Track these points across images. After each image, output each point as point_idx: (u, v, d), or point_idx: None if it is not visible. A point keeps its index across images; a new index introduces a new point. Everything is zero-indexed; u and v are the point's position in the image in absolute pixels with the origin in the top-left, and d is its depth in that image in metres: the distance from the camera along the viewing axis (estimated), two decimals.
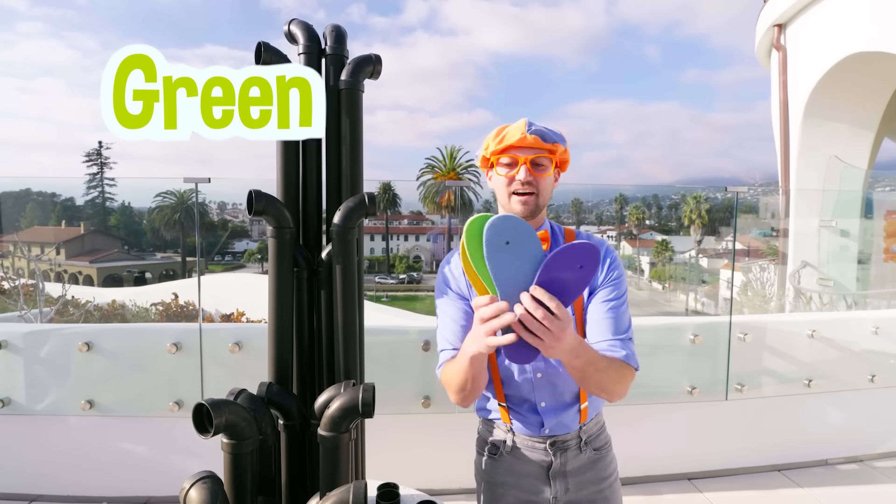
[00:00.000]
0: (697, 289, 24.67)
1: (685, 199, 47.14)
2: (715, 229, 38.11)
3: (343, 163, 1.41)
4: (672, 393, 2.99)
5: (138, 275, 40.96)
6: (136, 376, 2.72)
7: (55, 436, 2.76)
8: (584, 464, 1.29)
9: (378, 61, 1.42)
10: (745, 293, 6.85)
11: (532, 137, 1.17)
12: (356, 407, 1.03)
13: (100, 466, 2.77)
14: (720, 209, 38.60)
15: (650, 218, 73.60)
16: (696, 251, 36.84)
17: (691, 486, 3.00)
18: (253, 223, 73.56)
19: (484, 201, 43.91)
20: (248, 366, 2.70)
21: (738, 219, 3.44)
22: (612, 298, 1.20)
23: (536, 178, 1.19)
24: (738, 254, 8.98)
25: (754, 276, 7.67)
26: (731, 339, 3.04)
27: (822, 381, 3.16)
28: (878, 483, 3.06)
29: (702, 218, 41.65)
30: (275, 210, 1.25)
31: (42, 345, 2.71)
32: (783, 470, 3.17)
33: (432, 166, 47.95)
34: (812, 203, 6.26)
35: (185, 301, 5.11)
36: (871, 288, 6.22)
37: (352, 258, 1.30)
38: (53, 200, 43.20)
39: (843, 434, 3.28)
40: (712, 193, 41.63)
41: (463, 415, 2.75)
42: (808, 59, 6.15)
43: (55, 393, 2.71)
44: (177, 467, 2.77)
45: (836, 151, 6.13)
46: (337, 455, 1.05)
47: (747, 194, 8.09)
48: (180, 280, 12.27)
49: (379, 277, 47.31)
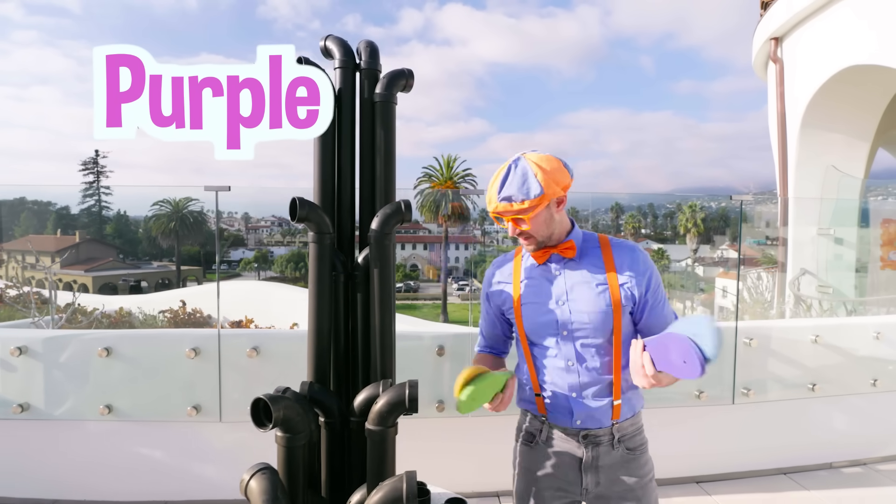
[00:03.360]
0: (694, 297, 24.77)
1: (681, 208, 47.36)
2: (710, 238, 38.35)
3: (377, 171, 1.47)
4: (680, 397, 3.04)
5: (134, 283, 40.78)
6: (154, 381, 2.76)
7: (73, 441, 2.79)
8: (616, 461, 1.35)
9: (410, 75, 1.49)
10: (743, 300, 6.94)
11: (502, 206, 1.30)
12: (403, 402, 1.09)
13: (117, 471, 2.80)
14: (715, 218, 38.85)
15: (646, 227, 73.85)
16: (692, 259, 36.98)
17: (699, 488, 3.05)
18: (249, 232, 73.39)
19: (481, 209, 44.01)
20: (266, 370, 2.75)
21: (732, 228, 3.51)
22: (659, 302, 1.37)
23: (524, 230, 1.33)
24: (734, 262, 9.07)
25: (751, 283, 7.77)
26: (737, 345, 3.10)
27: (826, 385, 3.22)
28: (882, 486, 3.12)
29: (697, 227, 41.84)
30: (316, 216, 1.31)
31: (61, 350, 2.75)
32: (789, 473, 3.22)
33: (429, 175, 48.09)
34: (810, 212, 6.37)
35: (192, 308, 5.15)
36: (869, 295, 6.31)
37: (389, 262, 1.36)
38: (49, 209, 43.04)
39: (846, 437, 3.34)
40: (707, 202, 41.85)
41: (477, 419, 2.80)
42: (805, 71, 6.29)
43: (74, 398, 2.75)
44: (194, 472, 2.81)
45: (833, 161, 6.26)
46: (384, 448, 1.10)
47: (745, 204, 8.19)
48: (192, 287, 12.19)
49: None
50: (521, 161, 1.29)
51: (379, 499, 0.99)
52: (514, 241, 1.39)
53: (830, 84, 5.85)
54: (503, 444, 1.72)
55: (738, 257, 4.11)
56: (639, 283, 1.33)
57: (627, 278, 1.32)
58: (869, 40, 5.32)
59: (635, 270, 1.33)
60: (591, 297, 1.32)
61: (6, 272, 12.26)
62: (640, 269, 1.33)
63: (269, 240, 68.51)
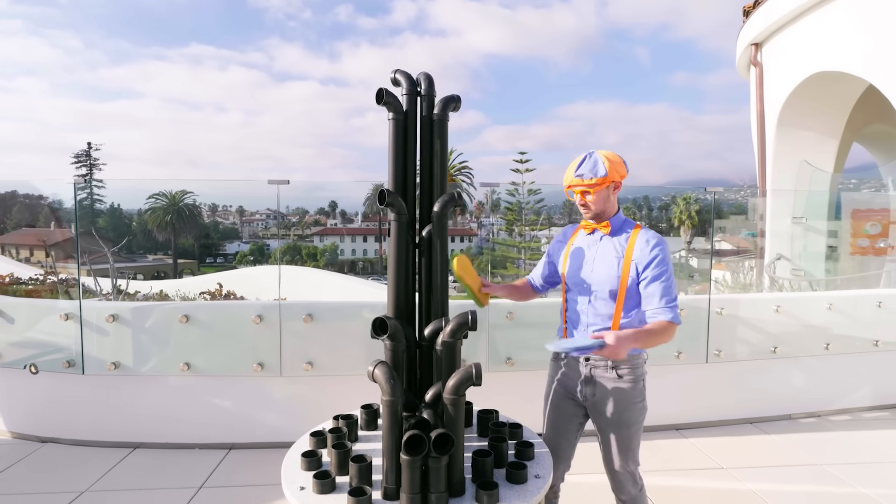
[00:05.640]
0: (688, 288, 25.51)
1: (675, 201, 47.86)
2: (705, 230, 39.01)
3: (435, 170, 2.01)
4: (662, 357, 3.61)
5: (132, 277, 40.92)
6: (225, 343, 3.29)
7: (156, 393, 3.33)
8: (608, 380, 1.90)
9: (458, 100, 2.03)
10: (726, 284, 7.54)
11: (576, 181, 1.87)
12: (467, 323, 1.64)
13: (193, 419, 3.34)
14: (709, 210, 39.53)
15: (641, 219, 74.14)
16: (686, 251, 37.56)
17: (678, 434, 3.64)
18: (244, 225, 73.37)
19: (477, 202, 44.34)
20: (319, 333, 3.29)
21: (729, 220, 4.04)
22: (655, 275, 1.81)
23: (587, 201, 1.89)
24: (728, 253, 9.66)
25: (743, 274, 8.36)
26: (710, 314, 3.68)
27: (786, 348, 3.81)
28: (832, 431, 3.71)
29: (692, 219, 42.53)
30: (397, 202, 1.85)
31: (147, 318, 3.28)
32: (754, 422, 3.81)
33: None
34: (786, 203, 6.97)
35: (227, 290, 5.66)
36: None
37: (445, 236, 1.91)
38: (41, 203, 43.05)
39: (803, 393, 3.94)
40: (702, 195, 42.40)
41: (495, 374, 3.35)
42: (781, 74, 6.89)
43: (157, 357, 3.28)
44: (258, 419, 3.36)
45: (806, 156, 6.87)
46: (454, 354, 1.65)
47: (737, 196, 8.77)
48: (225, 271, 12.60)
49: (372, 278, 47.56)
50: (595, 153, 1.88)
51: (456, 381, 1.52)
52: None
53: (803, 87, 6.44)
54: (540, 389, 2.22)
55: (710, 245, 4.65)
56: (642, 262, 1.84)
57: (638, 257, 1.85)
58: (836, 50, 5.92)
59: (643, 252, 1.84)
60: (607, 265, 1.88)
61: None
62: (647, 252, 1.84)
63: (263, 233, 68.71)
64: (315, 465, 1.69)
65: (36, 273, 7.18)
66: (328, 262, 49.71)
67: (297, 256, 48.77)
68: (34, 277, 6.39)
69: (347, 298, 5.28)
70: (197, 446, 3.34)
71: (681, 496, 2.84)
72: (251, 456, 3.24)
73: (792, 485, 2.98)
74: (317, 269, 25.50)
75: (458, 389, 1.51)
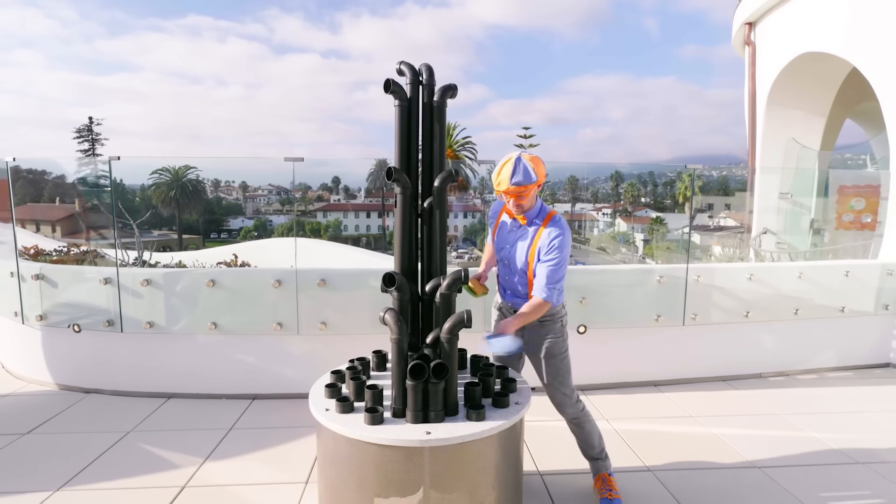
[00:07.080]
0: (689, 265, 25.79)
1: (680, 177, 47.77)
2: (710, 206, 39.22)
3: (434, 150, 2.33)
4: (643, 320, 3.96)
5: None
6: (248, 305, 3.66)
7: (186, 349, 3.72)
8: (532, 327, 2.33)
9: (455, 88, 2.34)
10: (716, 259, 7.85)
11: (514, 188, 2.17)
12: (461, 278, 1.99)
13: (219, 372, 3.74)
14: (715, 187, 39.60)
15: (645, 195, 73.89)
16: (689, 228, 37.73)
17: (657, 390, 4.01)
18: (247, 200, 73.55)
19: (480, 178, 44.37)
20: (332, 298, 3.66)
21: (735, 197, 4.35)
22: (546, 261, 2.21)
23: (521, 203, 2.23)
24: (731, 229, 9.95)
25: (732, 248, 8.66)
26: (688, 281, 4.02)
27: (758, 313, 4.16)
28: (799, 388, 4.08)
29: (696, 195, 42.56)
30: (402, 178, 2.18)
31: (178, 282, 3.65)
32: (727, 380, 4.18)
33: None
34: (774, 179, 7.25)
35: (241, 261, 6.01)
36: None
37: (444, 207, 2.24)
38: (45, 178, 43.27)
39: (773, 355, 4.30)
40: (707, 171, 42.40)
41: None
42: (772, 54, 7.10)
43: (187, 317, 3.66)
44: (277, 373, 3.75)
45: (794, 134, 7.12)
46: (450, 304, 2.01)
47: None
48: (249, 242, 12.99)
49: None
50: (521, 159, 2.19)
51: (450, 323, 1.88)
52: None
53: (791, 67, 6.66)
54: None
55: (690, 218, 4.95)
56: (543, 249, 2.24)
57: (541, 244, 2.25)
58: (823, 31, 6.12)
59: (544, 241, 2.24)
60: (520, 248, 2.30)
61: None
62: (546, 242, 2.23)
63: (266, 208, 68.92)
64: (336, 393, 2.06)
65: (60, 245, 7.55)
66: (332, 237, 50.07)
67: (300, 232, 49.04)
68: (59, 249, 6.76)
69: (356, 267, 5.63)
70: (224, 396, 3.74)
71: (651, 438, 3.23)
72: (272, 404, 3.64)
73: (751, 430, 3.36)
74: (325, 241, 26.09)
75: (452, 330, 1.87)
